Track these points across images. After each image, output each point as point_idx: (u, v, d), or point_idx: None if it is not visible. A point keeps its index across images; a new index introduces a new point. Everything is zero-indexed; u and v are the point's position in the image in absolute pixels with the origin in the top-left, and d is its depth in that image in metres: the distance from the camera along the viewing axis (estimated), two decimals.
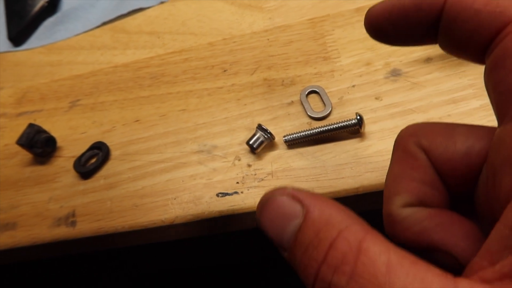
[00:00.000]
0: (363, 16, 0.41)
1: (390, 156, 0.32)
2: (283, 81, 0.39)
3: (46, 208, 0.38)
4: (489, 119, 0.32)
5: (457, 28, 0.18)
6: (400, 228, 0.19)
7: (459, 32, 0.18)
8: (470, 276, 0.14)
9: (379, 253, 0.14)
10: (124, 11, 0.50)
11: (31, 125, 0.40)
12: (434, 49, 0.36)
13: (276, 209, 0.17)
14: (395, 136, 0.31)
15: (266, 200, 0.18)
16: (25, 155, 0.41)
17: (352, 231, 0.15)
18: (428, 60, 0.36)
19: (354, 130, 0.33)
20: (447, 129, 0.20)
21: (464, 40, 0.18)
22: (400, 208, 0.19)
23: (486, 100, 0.32)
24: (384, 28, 0.20)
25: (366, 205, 0.32)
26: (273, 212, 0.17)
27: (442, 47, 0.20)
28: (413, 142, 0.20)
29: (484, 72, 0.18)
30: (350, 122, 0.33)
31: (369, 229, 0.15)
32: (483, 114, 0.32)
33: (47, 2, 0.54)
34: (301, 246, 0.16)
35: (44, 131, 0.40)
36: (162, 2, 0.49)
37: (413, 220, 0.19)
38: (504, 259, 0.13)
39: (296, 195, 0.17)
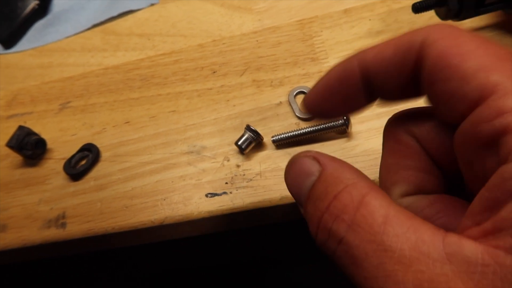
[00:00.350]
0: (351, 18, 0.41)
1: (376, 156, 0.32)
2: (271, 82, 0.39)
3: (36, 210, 0.38)
4: None
5: (385, 83, 0.19)
6: None
7: (388, 86, 0.19)
8: (458, 233, 0.15)
9: (379, 207, 0.15)
10: (115, 13, 0.50)
11: (21, 127, 0.40)
12: None
13: (298, 168, 0.19)
14: (381, 135, 0.31)
15: (292, 161, 0.20)
16: (15, 157, 0.41)
17: (357, 186, 0.16)
18: None
19: (341, 130, 0.33)
20: (430, 112, 0.20)
21: (396, 89, 0.19)
22: (399, 198, 0.20)
23: None
24: (325, 109, 0.21)
25: None
26: (295, 171, 0.19)
27: (383, 99, 0.20)
28: (403, 131, 0.20)
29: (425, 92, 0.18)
30: (337, 123, 0.33)
31: (374, 186, 0.16)
32: None
33: (37, 4, 0.54)
34: (311, 200, 0.18)
35: (34, 133, 0.41)
36: (152, 4, 0.50)
37: (413, 209, 0.19)
38: (485, 219, 0.14)
39: (316, 156, 0.19)
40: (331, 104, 0.20)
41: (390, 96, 0.20)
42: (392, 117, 0.21)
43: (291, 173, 0.20)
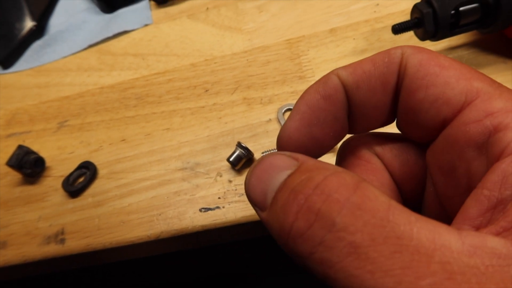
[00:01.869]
0: (336, 37, 0.43)
1: None
2: (261, 99, 0.41)
3: (36, 226, 0.39)
4: None
5: (365, 96, 0.18)
6: None
7: (368, 100, 0.18)
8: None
9: (379, 194, 0.13)
10: (110, 34, 0.52)
11: (20, 147, 0.41)
12: None
13: (267, 163, 0.16)
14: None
15: (260, 159, 0.17)
16: (15, 175, 0.43)
17: (349, 173, 0.14)
18: None
19: None
20: (397, 136, 0.20)
21: (376, 104, 0.18)
22: None
23: None
24: (310, 147, 0.19)
25: None
26: (264, 168, 0.16)
27: (358, 127, 0.19)
28: (364, 148, 0.20)
29: (396, 120, 0.18)
30: None
31: (364, 179, 0.14)
32: None
33: (35, 25, 0.56)
34: (286, 189, 0.15)
35: (33, 152, 0.42)
36: (146, 25, 0.52)
37: None
38: (491, 219, 0.13)
39: (292, 154, 0.16)
40: (320, 130, 0.18)
41: (368, 118, 0.19)
42: (351, 138, 0.21)
43: (257, 170, 0.16)
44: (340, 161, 0.21)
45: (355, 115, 0.19)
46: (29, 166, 0.41)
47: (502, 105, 0.15)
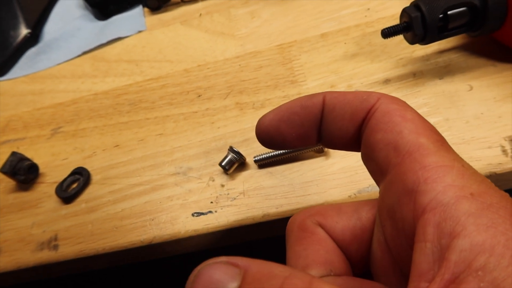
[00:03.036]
0: (327, 42, 0.44)
1: (352, 173, 0.34)
2: (253, 104, 0.41)
3: (29, 233, 0.39)
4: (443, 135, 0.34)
5: (337, 118, 0.21)
6: None
7: (339, 121, 0.21)
8: None
9: None
10: (104, 41, 0.52)
11: (14, 153, 0.42)
12: (392, 71, 0.39)
13: (209, 277, 0.15)
14: (357, 153, 0.33)
15: (198, 271, 0.16)
16: (9, 182, 0.43)
17: (298, 276, 0.15)
18: (386, 81, 0.39)
19: (318, 149, 0.35)
20: (336, 207, 0.22)
21: (344, 127, 0.21)
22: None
23: (439, 118, 0.35)
24: (275, 137, 0.22)
25: None
26: (205, 282, 0.15)
27: (324, 142, 0.22)
28: (309, 221, 0.21)
29: (361, 153, 0.21)
30: None
31: (314, 279, 0.15)
32: None
33: (29, 33, 0.56)
34: None
35: (27, 159, 0.42)
36: (139, 32, 0.52)
37: None
38: (439, 270, 0.14)
39: (230, 260, 0.16)
40: (287, 128, 0.21)
41: (333, 138, 0.21)
42: (296, 214, 0.23)
43: (199, 285, 0.15)
44: (289, 235, 0.22)
45: (325, 131, 0.22)
46: (22, 172, 0.41)
47: (435, 160, 0.17)
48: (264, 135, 0.22)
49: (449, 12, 0.34)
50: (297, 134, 0.22)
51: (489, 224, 0.14)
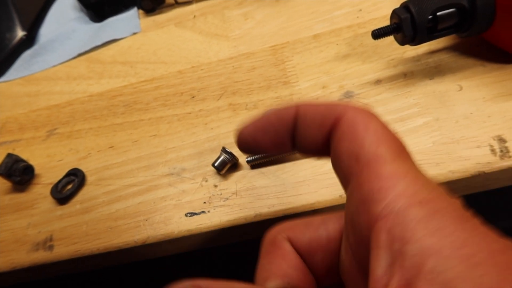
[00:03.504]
0: (320, 43, 0.44)
1: None
2: (246, 105, 0.41)
3: (25, 233, 0.40)
4: (432, 135, 0.35)
5: (308, 127, 0.21)
6: None
7: (309, 130, 0.21)
8: None
9: None
10: (99, 43, 0.52)
11: (9, 155, 0.42)
12: (383, 72, 0.40)
13: None
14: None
15: None
16: (4, 183, 0.43)
17: None
18: (377, 82, 0.39)
19: None
20: (306, 220, 0.23)
21: (314, 136, 0.21)
22: None
23: (429, 118, 0.35)
24: (252, 145, 0.23)
25: None
26: None
27: (298, 150, 0.23)
28: (279, 236, 0.23)
29: (331, 149, 0.21)
30: None
31: None
32: (426, 131, 0.35)
33: (25, 35, 0.57)
34: None
35: (22, 160, 0.42)
36: (134, 33, 0.52)
37: None
38: (393, 276, 0.15)
39: (196, 283, 0.16)
40: (262, 136, 0.23)
41: (305, 146, 0.23)
42: (272, 228, 0.24)
43: None
44: (261, 249, 0.23)
45: (298, 139, 0.22)
46: (18, 174, 0.41)
47: (389, 169, 0.17)
48: (242, 144, 0.24)
49: (438, 13, 0.35)
50: (272, 142, 0.23)
51: (436, 228, 0.15)
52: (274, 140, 0.23)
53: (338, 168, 0.20)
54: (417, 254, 0.15)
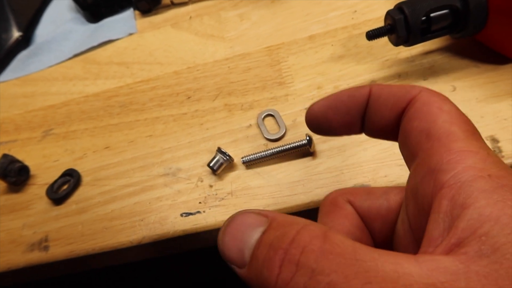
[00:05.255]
0: (315, 44, 0.44)
1: (338, 173, 0.35)
2: (242, 105, 0.41)
3: (20, 234, 0.40)
4: None
5: (380, 107, 0.22)
6: None
7: (382, 110, 0.22)
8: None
9: (344, 239, 0.16)
10: (95, 43, 0.52)
11: (5, 156, 0.42)
12: (378, 72, 0.40)
13: (240, 222, 0.18)
14: (343, 153, 0.34)
15: (232, 216, 0.19)
16: (0, 184, 0.43)
17: (316, 225, 0.17)
18: (372, 82, 0.39)
19: (305, 150, 0.36)
20: (368, 189, 0.24)
21: (386, 116, 0.22)
22: None
23: None
24: (322, 123, 0.24)
25: (316, 219, 0.34)
26: (236, 226, 0.18)
27: (366, 131, 0.24)
28: (341, 198, 0.24)
29: (401, 128, 0.22)
30: (301, 143, 0.36)
31: (329, 228, 0.17)
32: None
33: (21, 35, 0.57)
34: (264, 245, 0.16)
35: (18, 161, 0.42)
36: (131, 34, 0.52)
37: None
38: (447, 236, 0.16)
39: (260, 212, 0.18)
40: (333, 115, 0.23)
41: (375, 126, 0.23)
42: (331, 192, 0.25)
43: (230, 229, 0.18)
44: (321, 209, 0.24)
45: (369, 119, 0.23)
46: (13, 174, 0.42)
47: (461, 145, 0.18)
48: (313, 120, 0.24)
49: (431, 15, 0.35)
50: (343, 121, 0.23)
51: (499, 199, 0.15)
52: (345, 119, 0.23)
53: (405, 146, 0.21)
54: (475, 218, 0.15)
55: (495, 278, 0.14)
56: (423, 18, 0.35)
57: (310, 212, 0.34)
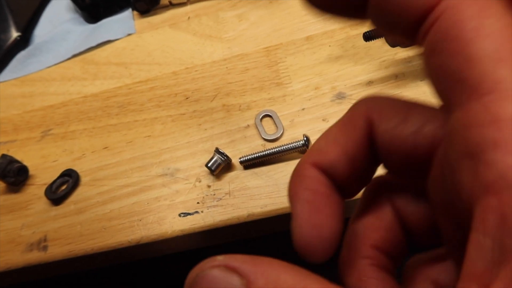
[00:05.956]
0: (312, 44, 0.44)
1: None
2: (240, 106, 0.42)
3: (19, 234, 0.40)
4: None
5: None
6: None
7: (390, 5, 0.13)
8: None
9: None
10: (94, 44, 0.53)
11: (3, 156, 0.42)
12: (375, 73, 0.40)
13: None
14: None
15: (193, 279, 0.13)
16: None
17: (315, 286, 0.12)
18: (369, 83, 0.40)
19: (302, 150, 0.36)
20: (403, 106, 0.16)
21: (395, 14, 0.13)
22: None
23: None
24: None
25: None
26: None
27: (374, 20, 0.14)
28: (361, 112, 0.17)
29: (422, 58, 0.14)
30: (298, 144, 0.36)
31: (330, 285, 0.13)
32: None
33: (19, 36, 0.57)
34: None
35: (17, 161, 0.43)
36: (129, 34, 0.53)
37: None
38: (497, 276, 0.11)
39: (230, 264, 0.13)
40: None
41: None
42: (362, 99, 0.18)
43: None
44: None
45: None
46: (12, 175, 0.42)
47: None
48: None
49: None
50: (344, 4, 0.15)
51: None
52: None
53: (433, 85, 0.14)
54: None
55: None
56: None
57: None
